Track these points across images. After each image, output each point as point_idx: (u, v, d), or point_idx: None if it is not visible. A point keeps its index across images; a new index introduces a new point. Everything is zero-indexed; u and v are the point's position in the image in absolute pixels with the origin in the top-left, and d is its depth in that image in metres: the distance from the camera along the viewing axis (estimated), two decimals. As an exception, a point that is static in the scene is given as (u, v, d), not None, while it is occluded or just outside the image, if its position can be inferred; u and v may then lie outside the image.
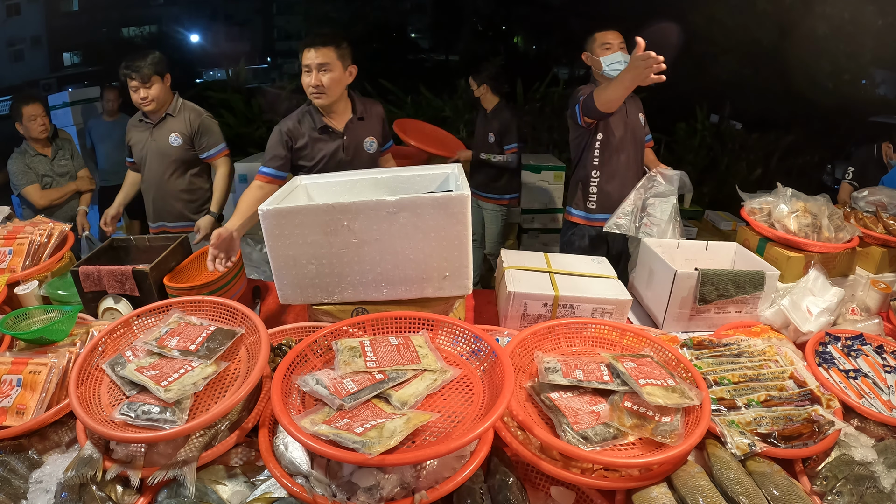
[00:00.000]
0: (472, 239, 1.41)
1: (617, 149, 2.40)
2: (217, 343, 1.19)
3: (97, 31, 9.27)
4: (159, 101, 2.45)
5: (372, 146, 2.12)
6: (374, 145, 2.12)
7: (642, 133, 2.50)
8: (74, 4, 10.05)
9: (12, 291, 1.67)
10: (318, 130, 2.02)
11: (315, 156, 2.03)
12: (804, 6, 6.13)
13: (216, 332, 1.22)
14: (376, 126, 2.14)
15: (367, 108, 2.11)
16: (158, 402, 1.03)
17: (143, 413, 1.02)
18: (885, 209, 2.07)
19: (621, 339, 1.34)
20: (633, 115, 2.45)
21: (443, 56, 10.95)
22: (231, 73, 6.97)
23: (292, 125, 2.02)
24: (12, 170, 3.11)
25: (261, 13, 11.49)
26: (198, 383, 1.08)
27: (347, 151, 2.05)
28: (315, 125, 2.02)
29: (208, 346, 1.18)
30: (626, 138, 2.41)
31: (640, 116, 2.48)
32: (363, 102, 2.11)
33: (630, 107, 2.44)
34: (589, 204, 2.48)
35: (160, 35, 10.16)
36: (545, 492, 1.07)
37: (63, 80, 7.86)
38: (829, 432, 1.12)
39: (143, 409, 1.02)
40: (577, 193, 2.53)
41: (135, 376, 1.09)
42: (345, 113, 2.06)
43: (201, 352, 1.16)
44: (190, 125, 2.51)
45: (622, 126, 2.40)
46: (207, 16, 10.37)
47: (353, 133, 2.06)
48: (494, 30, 11.08)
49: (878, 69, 7.15)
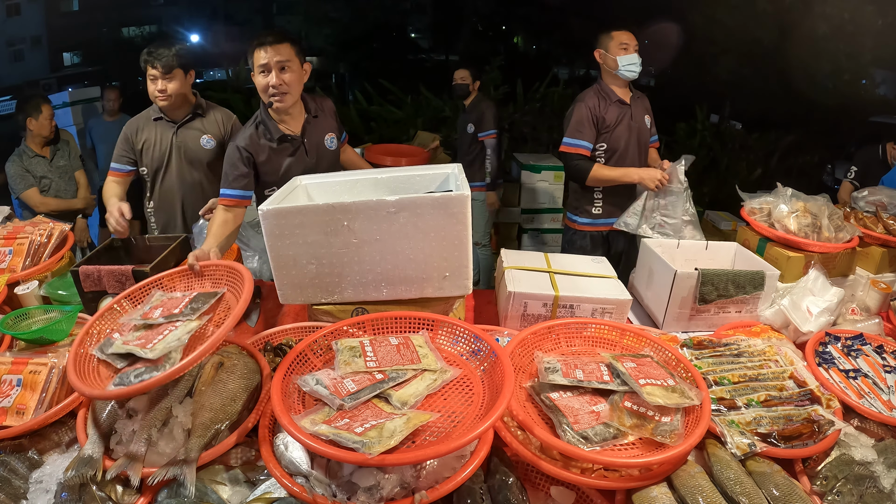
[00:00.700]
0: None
1: (621, 155, 2.38)
2: (200, 303, 1.22)
3: (97, 31, 9.27)
4: (177, 98, 2.21)
5: (332, 142, 2.06)
6: (334, 141, 2.08)
7: (647, 136, 2.48)
8: (74, 4, 10.05)
9: (12, 291, 1.67)
10: (276, 141, 1.90)
11: (279, 168, 1.93)
12: (804, 6, 6.13)
13: (198, 297, 1.25)
14: (331, 121, 2.08)
15: (319, 105, 2.04)
16: (147, 363, 1.06)
17: (135, 377, 1.03)
18: (885, 209, 2.07)
19: (621, 339, 1.34)
20: (640, 117, 2.42)
21: (443, 56, 10.95)
22: (231, 73, 6.97)
23: (248, 140, 1.89)
24: (10, 173, 3.11)
25: (261, 13, 11.50)
26: (182, 337, 1.10)
27: (310, 154, 1.98)
28: (272, 136, 1.90)
29: (192, 307, 1.21)
30: (630, 143, 2.39)
31: (646, 119, 2.46)
32: (313, 100, 2.03)
33: (636, 109, 2.41)
34: (594, 210, 2.47)
35: (160, 35, 10.16)
36: (545, 492, 1.07)
37: (63, 80, 7.85)
38: (829, 432, 1.12)
39: (134, 373, 1.04)
40: (580, 199, 2.51)
41: (122, 349, 1.11)
42: (300, 115, 1.96)
43: (185, 313, 1.19)
44: (221, 127, 2.29)
45: (627, 132, 2.38)
46: (207, 16, 10.37)
47: (311, 133, 1.98)
48: (494, 30, 11.09)
49: (878, 69, 7.15)
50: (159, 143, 2.26)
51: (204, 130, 2.27)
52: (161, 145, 2.26)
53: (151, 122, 2.27)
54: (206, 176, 2.30)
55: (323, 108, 2.06)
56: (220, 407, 1.08)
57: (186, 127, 2.26)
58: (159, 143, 2.26)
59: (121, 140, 2.28)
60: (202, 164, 2.29)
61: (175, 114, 2.26)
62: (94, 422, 1.09)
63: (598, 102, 2.35)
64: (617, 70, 2.30)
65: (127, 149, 2.26)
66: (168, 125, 2.26)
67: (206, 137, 2.26)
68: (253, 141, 1.89)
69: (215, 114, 2.31)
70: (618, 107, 2.36)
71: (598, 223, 2.49)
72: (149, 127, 2.27)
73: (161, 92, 2.17)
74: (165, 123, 2.27)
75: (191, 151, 2.26)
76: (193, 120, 2.27)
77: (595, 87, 2.41)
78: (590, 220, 2.50)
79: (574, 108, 2.36)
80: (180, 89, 2.19)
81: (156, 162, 2.28)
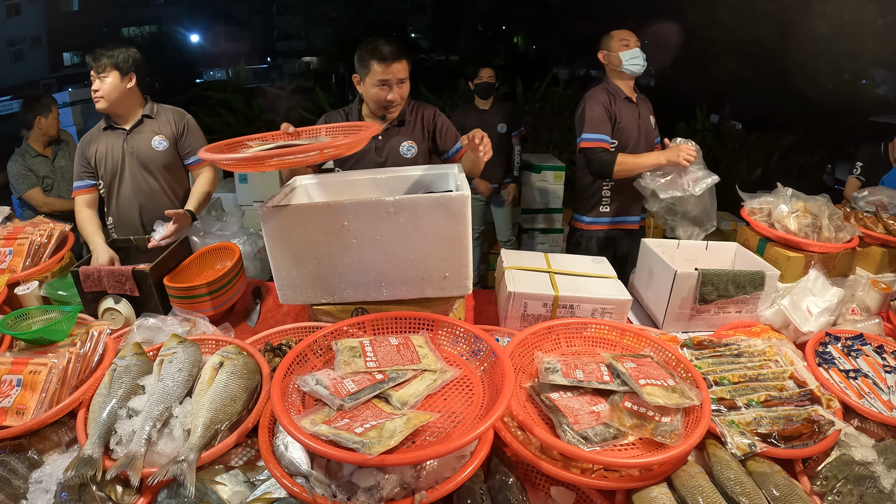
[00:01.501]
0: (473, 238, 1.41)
1: (631, 153, 2.36)
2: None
3: (97, 31, 9.26)
4: (115, 103, 2.09)
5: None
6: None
7: (653, 136, 2.49)
8: (74, 4, 10.06)
9: (12, 292, 1.67)
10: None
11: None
12: (804, 6, 6.13)
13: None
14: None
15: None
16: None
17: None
18: (885, 209, 2.07)
19: (621, 340, 1.34)
20: (646, 117, 2.44)
21: (443, 56, 10.95)
22: (231, 73, 6.96)
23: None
24: (12, 173, 3.10)
25: (261, 13, 11.51)
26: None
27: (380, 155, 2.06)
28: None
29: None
30: (640, 142, 2.39)
31: (651, 119, 2.47)
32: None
33: (642, 108, 2.43)
34: (602, 208, 2.47)
35: (160, 35, 10.18)
36: (545, 492, 1.07)
37: (63, 80, 7.87)
38: (829, 432, 1.12)
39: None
40: (588, 200, 2.50)
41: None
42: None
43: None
44: (173, 125, 2.20)
45: (636, 130, 2.39)
46: (207, 16, 10.37)
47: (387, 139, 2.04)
48: (494, 30, 11.09)
49: (878, 69, 7.15)
50: (111, 153, 2.17)
51: (156, 132, 2.18)
52: (113, 155, 2.17)
53: (102, 133, 2.19)
54: (164, 182, 2.21)
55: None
56: (220, 407, 1.08)
57: (136, 132, 2.17)
58: (111, 152, 2.17)
59: (77, 156, 2.21)
60: (158, 168, 2.19)
61: (123, 120, 2.17)
62: (94, 422, 1.09)
63: (608, 99, 2.36)
64: (621, 66, 2.32)
65: (84, 164, 2.19)
66: (118, 133, 2.17)
67: (157, 138, 2.17)
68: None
69: (166, 114, 2.22)
70: (627, 104, 2.38)
71: (604, 221, 2.50)
72: (100, 138, 2.19)
73: (94, 93, 2.09)
74: (116, 132, 2.18)
75: (143, 155, 2.17)
76: (143, 124, 2.18)
77: (602, 85, 2.42)
78: (597, 220, 2.50)
79: (586, 105, 2.36)
80: (113, 91, 2.07)
81: (109, 173, 2.19)
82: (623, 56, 2.31)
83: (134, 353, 1.25)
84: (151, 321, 1.48)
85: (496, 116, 3.65)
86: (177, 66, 8.99)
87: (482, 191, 3.62)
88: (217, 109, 5.85)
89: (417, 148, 2.04)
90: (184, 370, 1.17)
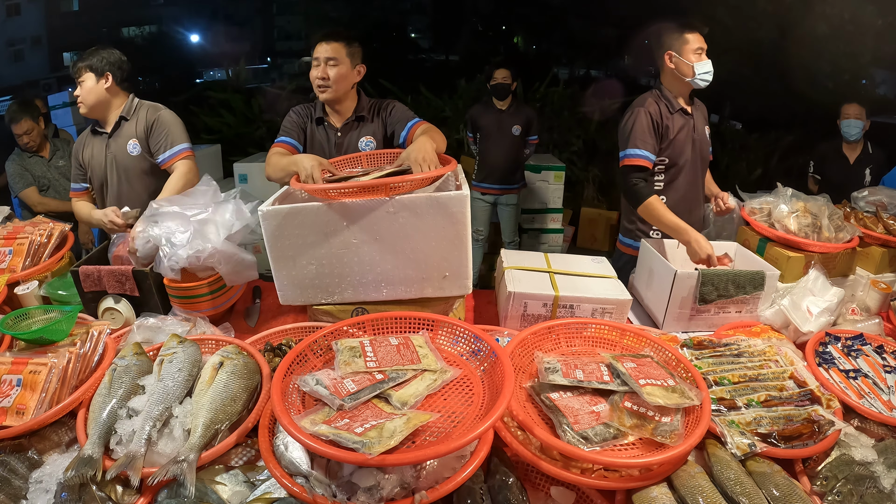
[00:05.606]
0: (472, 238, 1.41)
1: (681, 170, 2.10)
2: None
3: (97, 31, 9.25)
4: (94, 106, 2.04)
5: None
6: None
7: (707, 149, 2.20)
8: (74, 4, 10.05)
9: (12, 291, 1.67)
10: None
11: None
12: (804, 6, 6.12)
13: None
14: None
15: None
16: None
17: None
18: (885, 209, 2.08)
19: (621, 339, 1.34)
20: (700, 127, 2.14)
21: (443, 56, 10.95)
22: (231, 73, 6.96)
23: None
24: (9, 172, 3.11)
25: (261, 13, 11.49)
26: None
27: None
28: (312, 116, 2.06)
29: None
30: (695, 158, 2.11)
31: (706, 129, 2.18)
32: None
33: (697, 119, 2.12)
34: (653, 234, 2.13)
35: (160, 35, 10.16)
36: (545, 492, 1.07)
37: (63, 80, 7.85)
38: (829, 432, 1.12)
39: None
40: (637, 222, 2.18)
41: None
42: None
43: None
44: (145, 122, 2.07)
45: (690, 145, 2.09)
46: (207, 16, 10.36)
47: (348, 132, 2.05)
48: (494, 30, 11.08)
49: (878, 69, 7.14)
50: (97, 159, 2.12)
51: (131, 134, 2.08)
52: (98, 161, 2.12)
53: (90, 137, 2.15)
54: (147, 191, 2.09)
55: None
56: (220, 407, 1.08)
57: (115, 136, 2.10)
58: (96, 158, 2.12)
59: (73, 158, 2.19)
60: (138, 175, 2.09)
61: (107, 123, 2.11)
62: (94, 422, 1.09)
63: (659, 110, 2.03)
64: (692, 78, 2.00)
65: (77, 166, 2.17)
66: (102, 138, 2.12)
67: (132, 142, 2.07)
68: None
69: (140, 111, 2.10)
70: (681, 116, 2.07)
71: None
72: (90, 141, 2.14)
73: (76, 96, 2.05)
74: (100, 136, 2.12)
75: (122, 163, 2.09)
76: (121, 126, 2.10)
77: (654, 92, 2.09)
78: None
79: (632, 115, 2.03)
80: (90, 94, 2.03)
81: (97, 179, 2.15)
82: (697, 68, 1.98)
83: (134, 353, 1.25)
84: (151, 321, 1.48)
85: (513, 118, 3.65)
86: (177, 65, 8.98)
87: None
88: (217, 109, 5.85)
89: (376, 141, 2.07)
90: (184, 370, 1.17)
